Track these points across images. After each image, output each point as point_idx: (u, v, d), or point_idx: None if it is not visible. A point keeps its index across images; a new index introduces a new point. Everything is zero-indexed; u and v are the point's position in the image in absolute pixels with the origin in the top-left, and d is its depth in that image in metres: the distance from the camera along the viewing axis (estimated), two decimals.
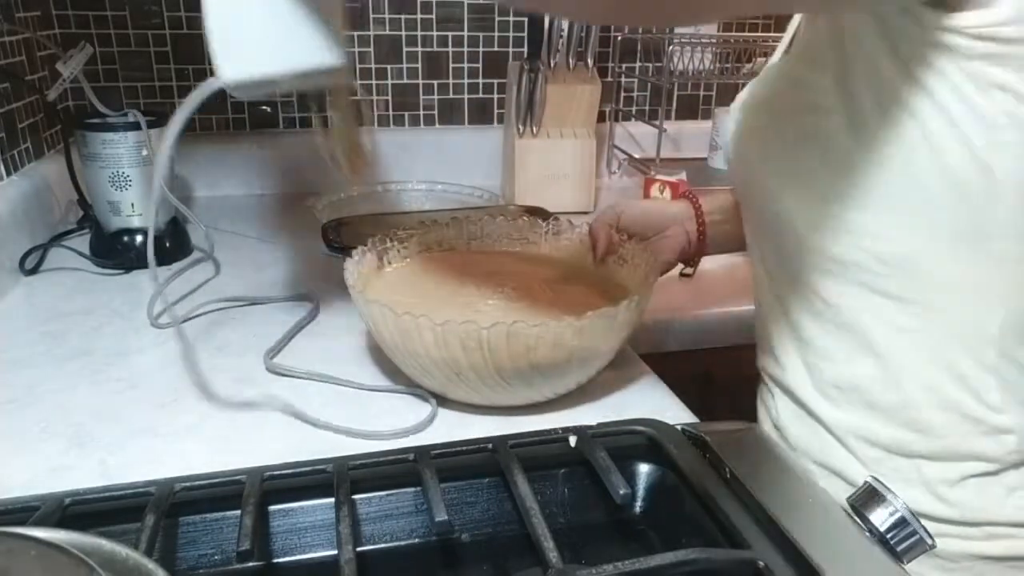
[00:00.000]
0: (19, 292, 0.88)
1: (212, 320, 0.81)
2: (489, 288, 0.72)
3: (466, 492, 0.50)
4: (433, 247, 0.81)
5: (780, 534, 0.43)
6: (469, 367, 0.59)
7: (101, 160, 0.94)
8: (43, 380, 0.69)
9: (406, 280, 0.75)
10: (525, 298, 0.71)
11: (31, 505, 0.45)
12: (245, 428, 0.62)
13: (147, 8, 1.21)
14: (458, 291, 0.72)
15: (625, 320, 0.62)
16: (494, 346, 0.57)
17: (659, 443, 0.52)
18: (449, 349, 0.58)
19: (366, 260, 0.73)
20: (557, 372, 0.61)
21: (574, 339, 0.59)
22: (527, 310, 0.68)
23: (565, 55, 1.20)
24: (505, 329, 0.56)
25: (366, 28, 1.29)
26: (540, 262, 0.80)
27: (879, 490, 0.44)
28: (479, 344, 0.57)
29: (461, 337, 0.57)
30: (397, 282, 0.74)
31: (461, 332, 0.57)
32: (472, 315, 0.59)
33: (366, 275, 0.72)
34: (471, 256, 0.81)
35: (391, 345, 0.63)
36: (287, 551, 0.47)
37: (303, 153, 1.31)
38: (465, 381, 0.60)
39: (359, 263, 0.71)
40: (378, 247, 0.76)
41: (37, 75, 1.10)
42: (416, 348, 0.59)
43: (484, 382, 0.60)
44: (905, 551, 0.42)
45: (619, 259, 0.76)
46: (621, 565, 0.39)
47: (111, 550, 0.34)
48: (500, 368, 0.59)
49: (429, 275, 0.76)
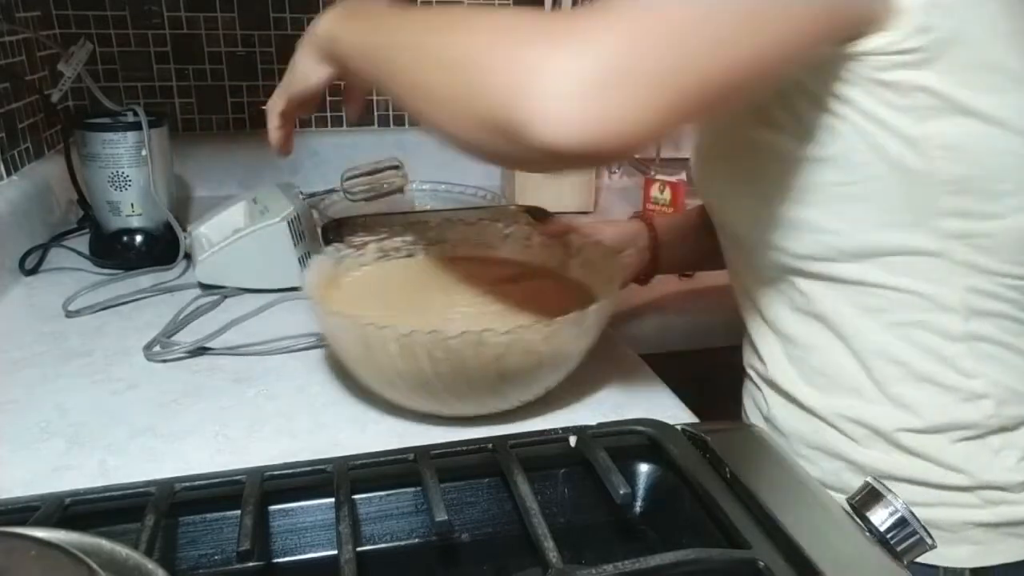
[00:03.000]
0: (19, 292, 0.88)
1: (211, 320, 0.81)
2: (455, 294, 0.70)
3: (466, 492, 0.50)
4: (391, 254, 0.78)
5: (780, 534, 0.43)
6: (436, 377, 0.57)
7: (101, 160, 0.94)
8: (43, 380, 0.69)
9: (367, 289, 0.72)
10: (492, 304, 0.68)
11: (31, 505, 0.45)
12: (245, 428, 0.62)
13: (147, 8, 1.21)
14: (422, 299, 0.70)
15: (594, 323, 0.61)
16: (463, 355, 0.55)
17: (659, 443, 0.52)
18: (416, 360, 0.55)
19: (324, 268, 0.70)
20: (526, 379, 0.60)
21: (544, 345, 0.57)
22: (495, 316, 0.66)
23: None
24: (474, 337, 0.54)
25: None
26: (504, 265, 0.78)
27: (879, 490, 0.44)
28: (447, 354, 0.55)
29: (428, 347, 0.54)
30: (358, 291, 0.71)
31: (428, 342, 0.54)
32: (438, 323, 0.56)
33: (325, 284, 0.69)
34: (434, 261, 0.78)
35: (353, 357, 0.60)
36: (287, 551, 0.47)
37: (303, 153, 1.31)
38: (431, 392, 0.58)
39: (317, 272, 0.68)
40: (336, 255, 0.73)
41: (37, 75, 1.10)
42: (380, 360, 0.57)
43: (451, 392, 0.58)
44: (905, 551, 0.42)
45: (585, 262, 0.74)
46: (621, 565, 0.39)
47: (111, 550, 0.34)
48: (469, 378, 0.57)
49: (391, 283, 0.73)
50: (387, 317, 0.57)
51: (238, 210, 0.94)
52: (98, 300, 0.84)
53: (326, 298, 0.67)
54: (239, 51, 1.26)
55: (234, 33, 1.25)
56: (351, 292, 0.71)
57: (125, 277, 0.92)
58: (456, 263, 0.78)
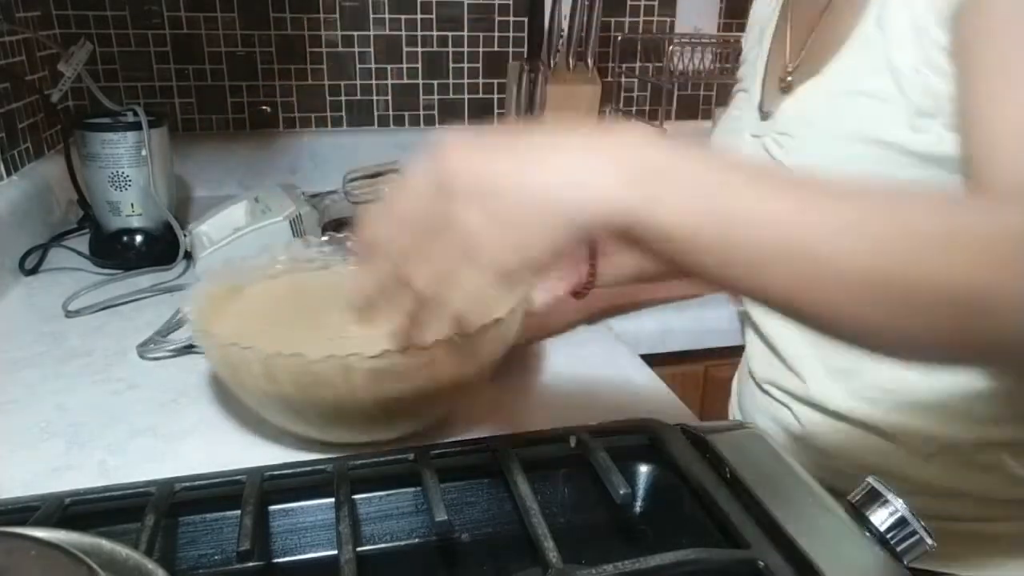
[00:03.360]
0: (19, 292, 0.88)
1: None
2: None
3: (466, 492, 0.50)
4: (304, 264, 0.71)
5: (780, 534, 0.43)
6: (305, 404, 0.53)
7: (101, 160, 0.94)
8: (43, 380, 0.69)
9: (265, 305, 0.66)
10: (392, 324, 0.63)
11: (31, 505, 0.45)
12: (245, 427, 0.62)
13: (147, 8, 1.21)
14: (320, 316, 0.63)
15: (486, 349, 0.55)
16: (330, 381, 0.51)
17: (659, 443, 0.52)
18: (279, 384, 0.51)
19: (219, 282, 0.65)
20: (407, 407, 0.55)
21: (421, 372, 0.52)
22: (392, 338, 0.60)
23: (565, 55, 1.20)
24: (338, 363, 0.50)
25: (366, 28, 1.29)
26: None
27: (879, 490, 0.44)
28: (314, 379, 0.50)
29: (292, 372, 0.50)
30: (254, 307, 0.65)
31: (291, 366, 0.50)
32: (326, 345, 0.51)
33: (218, 299, 0.64)
34: (346, 276, 0.71)
35: (223, 378, 0.56)
36: (287, 551, 0.47)
37: (303, 153, 1.31)
38: (304, 418, 0.55)
39: (210, 285, 0.64)
40: (235, 267, 0.67)
41: (37, 75, 1.10)
42: (245, 382, 0.53)
43: (325, 419, 0.54)
44: (905, 551, 0.42)
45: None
46: (621, 565, 0.39)
47: (111, 550, 0.34)
48: (339, 405, 0.52)
49: (292, 298, 0.67)
50: (273, 336, 0.53)
51: (239, 209, 0.94)
52: (98, 300, 0.84)
53: (220, 314, 0.62)
54: (239, 51, 1.26)
55: (234, 33, 1.25)
56: (249, 307, 0.65)
57: (125, 277, 0.92)
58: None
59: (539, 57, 1.18)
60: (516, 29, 1.34)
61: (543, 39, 1.18)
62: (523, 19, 1.32)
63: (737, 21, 1.43)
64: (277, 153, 1.31)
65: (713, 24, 1.42)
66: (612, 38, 1.39)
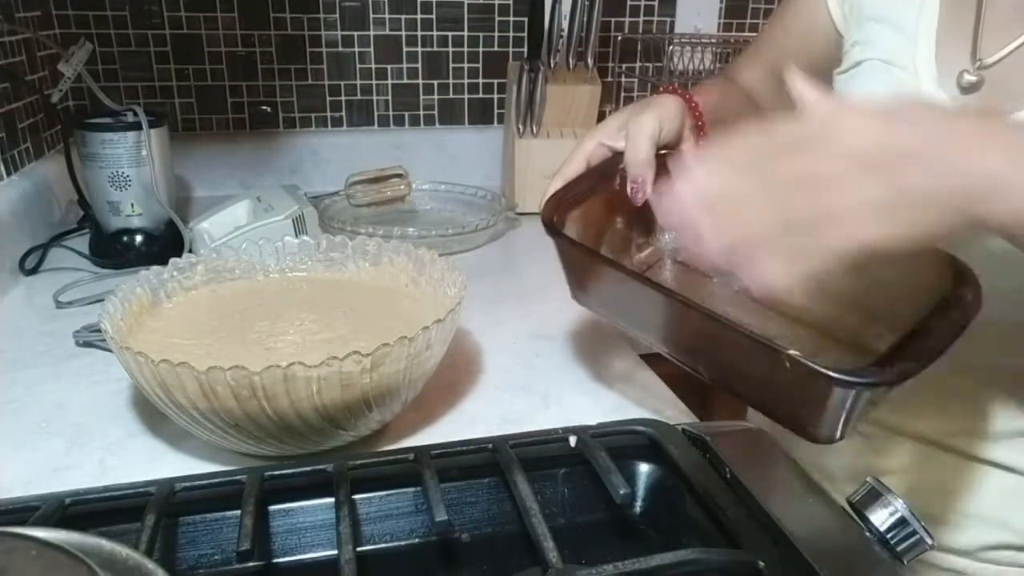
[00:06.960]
0: (19, 292, 0.88)
1: None
2: (285, 321, 0.63)
3: (466, 492, 0.50)
4: (225, 274, 0.70)
5: (780, 534, 0.43)
6: (246, 417, 0.52)
7: (101, 160, 0.94)
8: (43, 380, 0.69)
9: (187, 317, 0.64)
10: (324, 331, 0.62)
11: (31, 505, 0.45)
12: None
13: (147, 8, 1.21)
14: (248, 327, 0.63)
15: (427, 351, 0.56)
16: (271, 392, 0.50)
17: (659, 443, 0.52)
18: (219, 399, 0.50)
19: (136, 295, 0.63)
20: (353, 415, 0.55)
21: (365, 378, 0.52)
22: (325, 345, 0.59)
23: (565, 55, 1.20)
24: (280, 373, 0.49)
25: (366, 28, 1.29)
26: (348, 288, 0.70)
27: (879, 490, 0.44)
28: (253, 392, 0.50)
29: (232, 385, 0.49)
30: (176, 320, 0.64)
31: (230, 379, 0.49)
32: (260, 355, 0.50)
33: (137, 313, 0.62)
34: (269, 284, 0.71)
35: (154, 398, 0.54)
36: (287, 551, 0.47)
37: (303, 153, 1.31)
38: (245, 432, 0.54)
39: (126, 298, 0.61)
40: (153, 278, 0.65)
41: (37, 75, 1.10)
42: (180, 399, 0.51)
43: (267, 432, 0.53)
44: (905, 551, 0.42)
45: (431, 279, 0.68)
46: (621, 565, 0.39)
47: (111, 550, 0.34)
48: (282, 416, 0.52)
49: (216, 309, 0.66)
50: (202, 349, 0.52)
51: (242, 207, 0.94)
52: (93, 293, 0.84)
53: (139, 328, 0.61)
54: (239, 51, 1.26)
55: (234, 33, 1.25)
56: (171, 320, 0.64)
57: (125, 277, 0.92)
58: (299, 284, 0.71)
59: (539, 57, 1.18)
60: (516, 29, 1.34)
61: (543, 39, 1.18)
62: (523, 19, 1.32)
63: (737, 21, 1.43)
64: (277, 153, 1.31)
65: (713, 24, 1.42)
66: (612, 38, 1.39)
